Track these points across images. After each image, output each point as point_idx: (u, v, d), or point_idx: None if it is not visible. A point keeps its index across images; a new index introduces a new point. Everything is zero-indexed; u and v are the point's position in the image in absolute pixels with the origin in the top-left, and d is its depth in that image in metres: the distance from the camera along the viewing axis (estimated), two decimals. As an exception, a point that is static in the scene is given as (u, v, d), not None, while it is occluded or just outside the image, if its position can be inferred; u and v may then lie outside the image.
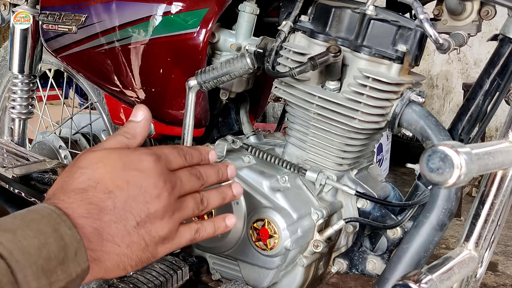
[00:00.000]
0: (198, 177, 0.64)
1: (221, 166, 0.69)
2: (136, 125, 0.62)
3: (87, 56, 1.18)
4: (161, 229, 0.57)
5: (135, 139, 0.62)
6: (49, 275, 0.47)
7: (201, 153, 0.67)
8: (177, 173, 0.61)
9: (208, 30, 1.00)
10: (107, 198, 0.53)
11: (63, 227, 0.49)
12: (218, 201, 0.67)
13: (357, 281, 2.06)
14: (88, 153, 0.57)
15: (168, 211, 0.58)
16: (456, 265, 0.70)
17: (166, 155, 0.60)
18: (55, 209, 0.51)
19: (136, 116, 0.63)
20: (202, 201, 0.64)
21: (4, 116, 1.72)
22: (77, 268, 0.50)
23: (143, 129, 0.62)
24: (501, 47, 0.85)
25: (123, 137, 0.61)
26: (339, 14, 0.91)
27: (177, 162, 0.62)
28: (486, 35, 1.08)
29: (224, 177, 0.69)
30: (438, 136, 0.86)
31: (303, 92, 0.95)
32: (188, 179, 0.62)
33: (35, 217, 0.49)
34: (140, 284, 0.94)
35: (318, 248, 0.96)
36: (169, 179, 0.58)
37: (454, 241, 2.47)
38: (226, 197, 0.69)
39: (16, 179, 1.27)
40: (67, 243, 0.49)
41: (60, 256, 0.48)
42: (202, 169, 0.65)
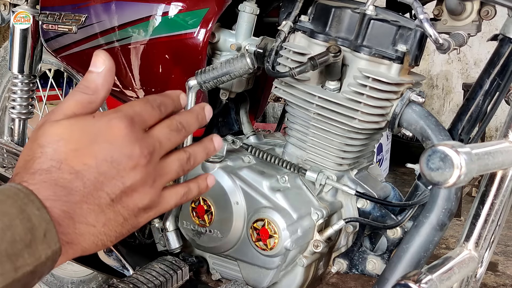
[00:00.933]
0: (179, 129, 0.56)
1: (198, 109, 0.61)
2: (97, 76, 0.52)
3: (87, 56, 1.18)
4: (140, 201, 0.52)
5: (97, 94, 0.52)
6: (14, 259, 0.43)
7: (173, 99, 0.58)
8: (154, 133, 0.53)
9: (208, 30, 1.00)
10: (74, 178, 0.48)
11: (31, 207, 0.45)
12: (203, 156, 0.61)
13: (357, 281, 2.06)
14: (48, 127, 0.49)
15: (148, 181, 0.52)
16: (456, 265, 0.70)
17: (139, 114, 0.52)
18: (22, 188, 0.46)
19: (96, 66, 0.52)
20: (188, 159, 0.58)
21: (4, 116, 1.72)
22: (47, 251, 0.45)
23: (106, 80, 0.53)
24: (501, 47, 0.85)
25: (82, 94, 0.52)
26: (339, 14, 0.91)
27: (152, 117, 0.54)
28: (486, 35, 1.08)
29: (203, 120, 0.61)
30: (438, 136, 0.86)
31: (303, 92, 0.95)
32: (167, 137, 0.54)
33: (0, 198, 0.45)
34: (140, 284, 0.94)
35: (318, 248, 0.96)
36: (146, 144, 0.51)
37: (454, 241, 2.47)
38: (209, 152, 0.62)
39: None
40: (34, 224, 0.44)
41: (27, 238, 0.44)
42: (181, 118, 0.57)
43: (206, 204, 0.99)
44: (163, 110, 0.56)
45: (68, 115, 0.51)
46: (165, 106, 0.56)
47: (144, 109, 0.53)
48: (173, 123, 0.56)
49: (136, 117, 0.52)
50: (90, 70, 0.53)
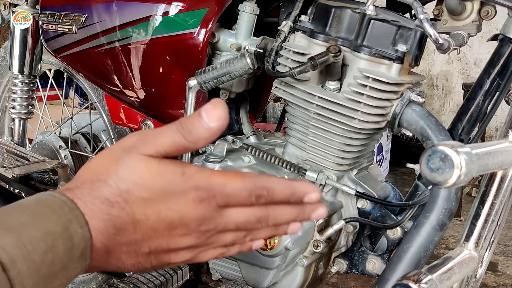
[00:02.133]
0: (260, 220, 0.51)
1: (307, 206, 0.53)
2: (206, 129, 0.48)
3: (87, 56, 1.18)
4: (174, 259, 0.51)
5: (196, 144, 0.49)
6: (49, 281, 0.42)
7: (293, 192, 0.51)
8: (224, 215, 0.49)
9: (208, 30, 1.00)
10: (130, 223, 0.47)
11: (74, 224, 0.44)
12: (266, 235, 0.54)
13: (357, 281, 2.06)
14: (134, 161, 0.47)
15: (192, 248, 0.50)
16: (456, 265, 0.70)
17: (226, 196, 0.48)
18: (67, 201, 0.45)
19: (210, 118, 0.48)
20: (245, 236, 0.53)
21: (4, 116, 1.72)
22: (78, 269, 0.45)
23: (212, 137, 0.49)
24: (501, 47, 0.85)
25: (182, 138, 0.48)
26: (339, 14, 0.91)
27: (239, 203, 0.49)
28: (486, 35, 1.08)
29: (304, 218, 0.54)
30: (438, 136, 0.86)
31: (303, 92, 0.95)
32: (239, 223, 0.50)
33: (45, 212, 0.43)
34: (140, 284, 0.94)
35: (318, 248, 0.96)
36: (209, 222, 0.49)
37: (454, 241, 2.47)
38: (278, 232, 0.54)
39: (16, 179, 1.27)
40: (74, 244, 0.44)
41: (65, 260, 0.43)
42: (273, 211, 0.51)
43: (206, 204, 0.99)
44: (263, 201, 0.50)
45: (159, 152, 0.48)
46: (270, 198, 0.50)
47: (238, 194, 0.49)
48: (258, 212, 0.50)
49: (219, 197, 0.48)
50: (202, 118, 0.48)
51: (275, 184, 0.50)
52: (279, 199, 0.51)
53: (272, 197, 0.50)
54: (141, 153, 0.48)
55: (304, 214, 0.53)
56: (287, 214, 0.52)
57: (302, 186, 0.52)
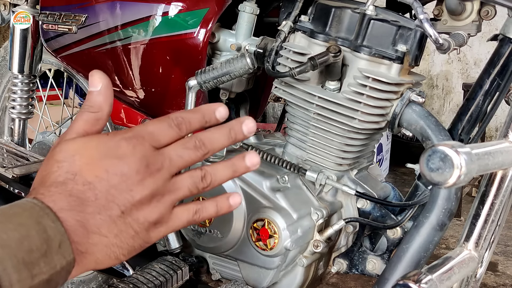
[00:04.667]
0: (197, 147, 0.56)
1: (234, 124, 0.58)
2: (98, 94, 0.55)
3: (87, 56, 1.18)
4: (150, 215, 0.53)
5: (102, 110, 0.56)
6: (31, 267, 0.45)
7: (203, 115, 0.57)
8: (165, 151, 0.54)
9: (208, 30, 1.00)
10: (87, 189, 0.51)
11: (46, 220, 0.48)
12: (227, 174, 0.58)
13: (357, 281, 2.06)
14: (63, 144, 0.53)
15: (156, 195, 0.53)
16: (456, 265, 0.70)
17: (150, 133, 0.54)
18: (37, 202, 0.49)
19: (95, 85, 0.56)
20: (204, 177, 0.56)
21: (4, 116, 1.72)
22: (62, 261, 0.48)
23: (106, 96, 0.56)
24: (501, 47, 0.85)
25: (88, 113, 0.55)
26: (339, 14, 0.91)
27: (167, 136, 0.55)
28: (486, 35, 1.08)
29: (238, 137, 0.58)
30: (438, 136, 0.86)
31: (303, 92, 0.95)
32: (180, 155, 0.55)
33: (17, 211, 0.47)
34: (140, 284, 0.94)
35: (318, 248, 0.96)
36: (154, 160, 0.53)
37: (454, 241, 2.47)
38: (238, 169, 0.58)
39: (16, 179, 1.27)
40: (50, 235, 0.47)
41: (43, 248, 0.46)
42: (203, 135, 0.56)
43: (206, 204, 0.99)
44: (185, 128, 0.56)
45: (80, 133, 0.55)
46: (188, 123, 0.56)
47: (158, 128, 0.55)
48: (189, 141, 0.56)
49: (146, 135, 0.54)
50: (90, 91, 0.56)
51: (186, 112, 0.57)
52: (197, 123, 0.57)
53: (190, 123, 0.56)
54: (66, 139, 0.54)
55: (235, 130, 0.57)
56: (217, 134, 0.57)
57: (207, 105, 0.58)
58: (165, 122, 0.55)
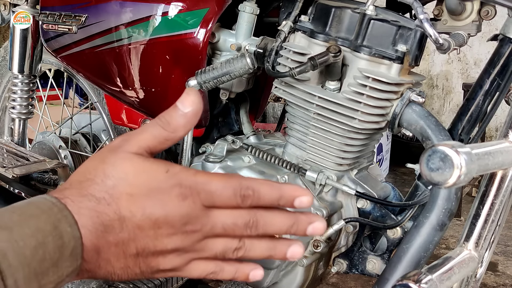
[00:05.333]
0: (249, 226, 0.50)
1: (302, 218, 0.51)
2: (182, 116, 0.50)
3: (87, 56, 1.18)
4: (163, 265, 0.50)
5: (176, 133, 0.51)
6: (41, 277, 0.44)
7: (280, 197, 0.50)
8: (212, 215, 0.49)
9: (208, 30, 1.00)
10: (116, 220, 0.48)
11: (64, 223, 0.45)
12: (262, 254, 0.52)
13: (357, 281, 2.06)
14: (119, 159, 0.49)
15: (179, 252, 0.50)
16: (456, 265, 0.70)
17: (209, 193, 0.48)
18: (56, 202, 0.46)
19: (184, 104, 0.50)
20: (237, 250, 0.51)
21: (4, 116, 1.72)
22: (69, 268, 0.46)
23: (189, 122, 0.50)
24: (501, 47, 0.85)
25: (161, 129, 0.50)
26: (339, 14, 0.91)
27: (225, 204, 0.49)
28: (486, 35, 1.08)
29: (299, 233, 0.52)
30: (438, 136, 0.86)
31: (303, 92, 0.95)
32: (225, 226, 0.49)
33: (35, 212, 0.45)
34: (140, 284, 0.94)
35: (318, 248, 0.96)
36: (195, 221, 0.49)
37: (454, 241, 2.47)
38: (276, 254, 0.52)
39: (16, 179, 1.27)
40: (65, 242, 0.45)
41: (55, 257, 0.44)
42: (262, 217, 0.50)
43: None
44: (250, 202, 0.50)
45: (142, 148, 0.50)
46: (257, 199, 0.50)
47: (221, 192, 0.49)
48: (243, 217, 0.50)
49: (204, 194, 0.49)
50: (177, 107, 0.50)
51: (261, 185, 0.50)
52: (267, 201, 0.50)
53: (258, 198, 0.50)
54: (125, 151, 0.50)
55: (299, 225, 0.51)
56: (278, 222, 0.51)
57: (291, 188, 0.50)
58: (231, 189, 0.49)
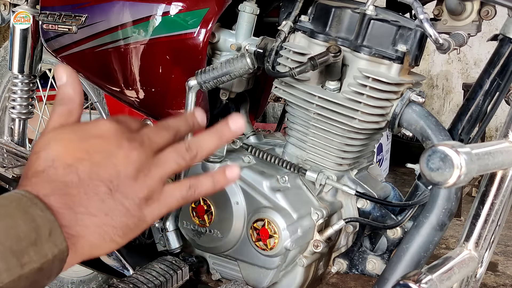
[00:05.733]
0: (167, 128, 0.56)
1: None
2: (65, 86, 0.55)
3: (87, 56, 1.18)
4: (139, 190, 0.52)
5: (73, 101, 0.55)
6: (20, 255, 0.44)
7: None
8: (141, 131, 0.54)
9: (208, 30, 1.00)
10: (69, 172, 0.49)
11: (34, 209, 0.47)
12: (213, 142, 0.56)
13: (357, 281, 2.06)
14: (40, 138, 0.53)
15: (143, 169, 0.52)
16: (456, 265, 0.70)
17: (124, 121, 0.54)
18: (25, 193, 0.48)
19: (61, 79, 0.55)
20: (189, 148, 0.55)
21: (4, 116, 1.72)
22: (54, 249, 0.46)
23: (74, 86, 0.55)
24: (501, 47, 0.85)
25: (61, 106, 0.55)
26: (339, 14, 0.91)
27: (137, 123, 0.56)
28: (486, 35, 1.08)
29: (226, 133, 0.57)
30: (438, 136, 0.86)
31: (303, 92, 0.95)
32: (155, 133, 0.55)
33: (3, 203, 0.47)
34: (140, 284, 0.94)
35: (318, 248, 0.96)
36: (134, 137, 0.53)
37: (454, 241, 2.47)
38: (223, 135, 0.57)
39: (16, 179, 1.27)
40: (39, 224, 0.46)
41: (32, 237, 0.45)
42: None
43: (206, 204, 0.99)
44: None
45: (56, 127, 0.54)
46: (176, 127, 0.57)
47: (132, 119, 0.55)
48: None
49: (121, 118, 0.54)
50: (58, 85, 0.56)
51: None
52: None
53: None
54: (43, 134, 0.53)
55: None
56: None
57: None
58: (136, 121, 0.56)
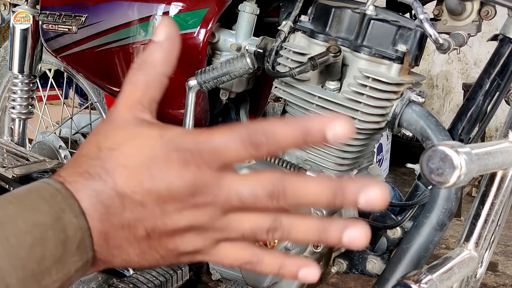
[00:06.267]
0: (273, 196, 0.38)
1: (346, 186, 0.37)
2: (156, 47, 0.43)
3: (87, 56, 1.18)
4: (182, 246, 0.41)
5: (156, 68, 0.43)
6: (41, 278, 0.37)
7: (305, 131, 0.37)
8: (225, 184, 0.39)
9: (208, 30, 1.00)
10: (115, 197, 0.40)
11: (68, 214, 0.38)
12: (307, 236, 0.39)
13: (357, 281, 2.06)
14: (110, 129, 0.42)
15: (197, 230, 0.40)
16: (456, 265, 0.70)
17: (213, 151, 0.38)
18: (61, 188, 0.39)
19: (157, 34, 0.43)
20: (271, 230, 0.39)
21: (4, 116, 1.72)
22: (78, 263, 0.39)
23: (167, 52, 0.43)
24: (501, 47, 0.85)
25: (137, 73, 0.43)
26: (339, 14, 0.91)
27: (236, 158, 0.38)
28: (486, 35, 1.08)
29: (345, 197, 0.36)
30: (438, 136, 0.86)
31: (303, 92, 0.95)
32: (241, 198, 0.38)
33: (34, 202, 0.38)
34: (140, 284, 0.94)
35: (318, 248, 0.96)
36: (205, 191, 0.39)
37: (454, 241, 2.47)
38: (328, 237, 0.38)
39: (16, 179, 1.27)
40: (69, 235, 0.38)
41: (58, 253, 0.38)
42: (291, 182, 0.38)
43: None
44: (266, 148, 0.37)
45: (134, 107, 0.43)
46: (273, 141, 0.37)
47: (226, 144, 0.38)
48: (266, 183, 0.38)
49: (207, 154, 0.38)
50: (151, 40, 0.43)
51: (275, 126, 0.37)
52: (288, 144, 0.37)
53: (276, 143, 0.37)
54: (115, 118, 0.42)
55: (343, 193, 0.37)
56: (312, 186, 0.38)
57: (318, 120, 0.37)
58: (238, 139, 0.38)
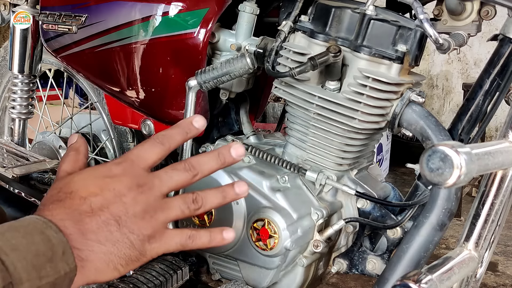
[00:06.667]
0: (186, 169, 0.61)
1: (222, 149, 0.63)
2: (76, 142, 0.65)
3: (87, 56, 1.18)
4: (144, 228, 0.58)
5: (81, 153, 0.65)
6: (39, 269, 0.50)
7: (182, 128, 0.64)
8: (155, 172, 0.60)
9: (208, 30, 1.00)
10: (83, 203, 0.56)
11: (49, 231, 0.53)
12: (217, 200, 0.63)
13: (357, 281, 2.06)
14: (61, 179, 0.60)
15: (149, 211, 0.58)
16: (456, 265, 0.70)
17: (137, 155, 0.60)
18: (40, 218, 0.54)
19: (73, 139, 0.66)
20: (195, 200, 0.61)
21: (4, 116, 1.72)
22: (66, 267, 0.52)
23: (82, 145, 0.65)
24: (501, 47, 0.85)
25: (71, 154, 0.64)
26: (339, 14, 0.91)
27: (153, 153, 0.60)
28: (486, 35, 1.08)
29: (227, 160, 0.63)
30: (438, 136, 0.86)
31: (303, 92, 0.95)
32: (169, 175, 0.60)
33: (22, 224, 0.53)
34: (140, 284, 0.94)
35: (318, 248, 0.96)
36: (144, 180, 0.59)
37: (454, 241, 2.47)
38: (227, 196, 0.64)
39: (16, 179, 1.27)
40: (54, 243, 0.52)
41: (48, 254, 0.51)
42: (192, 159, 0.62)
43: (206, 204, 0.99)
44: (167, 142, 0.61)
45: (68, 171, 0.62)
46: (170, 137, 0.62)
47: (143, 148, 0.61)
48: (179, 164, 0.61)
49: (135, 158, 0.60)
50: (69, 142, 0.66)
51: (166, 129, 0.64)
52: (178, 135, 0.63)
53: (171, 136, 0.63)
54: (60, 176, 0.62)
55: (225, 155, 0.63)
56: (205, 157, 0.63)
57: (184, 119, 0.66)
58: (148, 142, 0.61)
